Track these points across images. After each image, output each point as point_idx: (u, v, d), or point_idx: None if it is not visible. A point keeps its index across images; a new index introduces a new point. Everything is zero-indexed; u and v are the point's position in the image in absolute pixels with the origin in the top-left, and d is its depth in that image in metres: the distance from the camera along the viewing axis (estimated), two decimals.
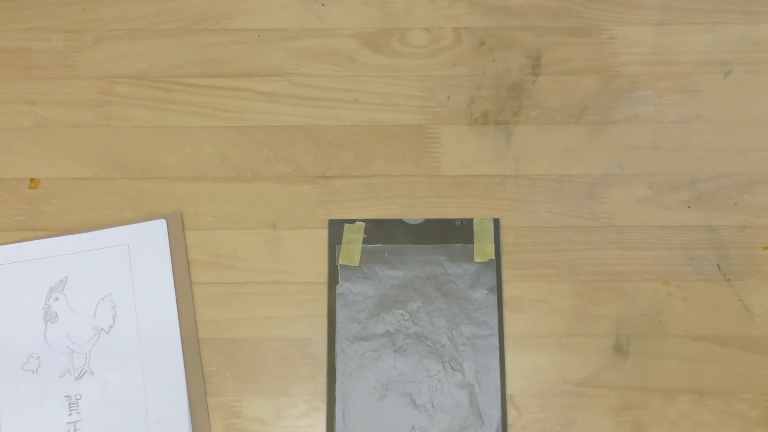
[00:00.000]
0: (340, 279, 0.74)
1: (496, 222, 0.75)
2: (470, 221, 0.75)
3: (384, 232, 0.75)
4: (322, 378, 0.72)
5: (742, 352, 0.72)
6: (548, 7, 0.81)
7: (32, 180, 0.77)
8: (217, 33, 0.81)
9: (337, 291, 0.74)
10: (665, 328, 0.73)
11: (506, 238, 0.75)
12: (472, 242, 0.75)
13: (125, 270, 0.73)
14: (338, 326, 0.73)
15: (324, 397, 0.71)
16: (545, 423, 0.71)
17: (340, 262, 0.74)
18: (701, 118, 0.78)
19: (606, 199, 0.76)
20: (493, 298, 0.73)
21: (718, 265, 0.74)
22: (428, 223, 0.75)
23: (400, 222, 0.76)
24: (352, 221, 0.75)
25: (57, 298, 0.72)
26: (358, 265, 0.74)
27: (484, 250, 0.74)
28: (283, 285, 0.74)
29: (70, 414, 0.70)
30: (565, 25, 0.80)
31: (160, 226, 0.74)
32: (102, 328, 0.72)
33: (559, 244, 0.75)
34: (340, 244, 0.75)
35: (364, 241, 0.75)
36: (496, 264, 0.74)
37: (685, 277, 0.74)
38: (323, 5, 0.82)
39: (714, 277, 0.74)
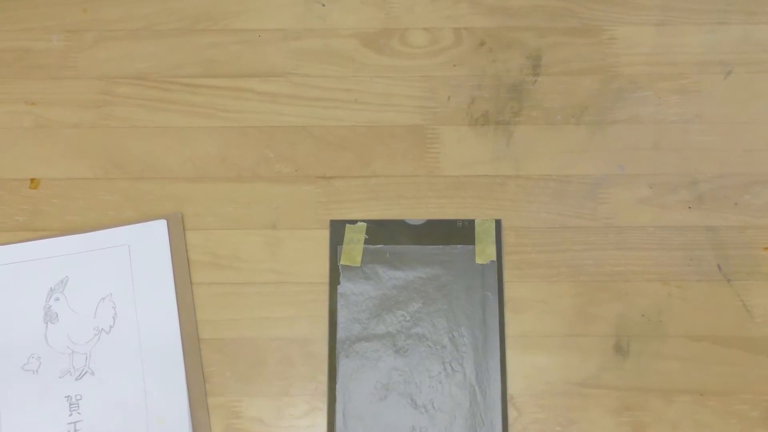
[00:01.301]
0: (341, 279, 0.74)
1: (498, 223, 0.75)
2: (472, 222, 0.75)
3: (386, 233, 0.75)
4: (323, 378, 0.72)
5: (742, 352, 0.72)
6: (548, 8, 0.81)
7: (32, 180, 0.77)
8: (217, 33, 0.81)
9: (339, 291, 0.74)
10: (665, 329, 0.73)
11: (507, 238, 0.75)
12: (473, 243, 0.75)
13: (126, 270, 0.73)
14: (339, 326, 0.73)
15: (324, 398, 0.71)
16: (545, 423, 0.71)
17: (342, 262, 0.74)
18: (701, 119, 0.78)
19: (606, 200, 0.76)
20: (494, 299, 0.73)
21: (718, 265, 0.74)
22: (430, 224, 0.75)
23: (401, 223, 0.76)
24: (353, 222, 0.75)
25: (57, 299, 0.72)
26: (359, 265, 0.74)
27: (485, 251, 0.74)
28: (283, 285, 0.74)
29: (71, 414, 0.70)
30: (565, 25, 0.80)
31: (160, 226, 0.74)
32: (102, 329, 0.72)
33: (560, 244, 0.75)
34: (342, 245, 0.75)
35: (366, 242, 0.75)
36: (497, 265, 0.74)
37: (685, 278, 0.74)
38: (323, 5, 0.82)
39: (714, 277, 0.74)
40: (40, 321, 0.72)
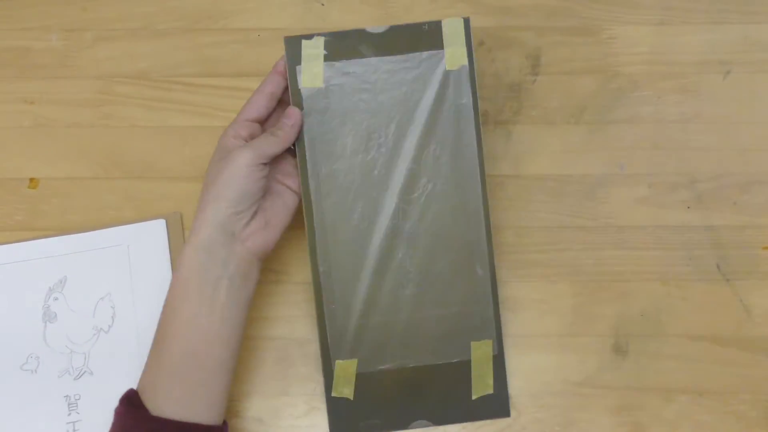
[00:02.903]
0: (305, 105, 0.67)
1: (467, 22, 0.68)
2: (439, 24, 0.68)
3: (346, 46, 0.67)
4: (322, 378, 0.71)
5: (741, 352, 0.72)
6: (548, 7, 0.81)
7: (31, 180, 0.77)
8: (216, 32, 0.81)
9: (304, 118, 0.67)
10: (664, 328, 0.73)
11: (505, 237, 0.75)
12: (442, 47, 0.68)
13: (124, 270, 0.73)
14: (309, 161, 0.67)
15: (323, 398, 0.71)
16: (544, 423, 0.71)
17: (303, 85, 0.67)
18: (701, 118, 0.78)
19: (605, 199, 0.76)
20: (468, 106, 0.68)
21: (717, 265, 0.74)
22: (393, 30, 0.68)
23: (362, 32, 0.68)
24: (309, 36, 0.68)
25: (56, 298, 0.72)
26: (321, 86, 0.67)
27: (455, 54, 0.67)
28: (281, 285, 0.74)
29: (70, 414, 0.70)
30: (564, 24, 0.80)
31: (159, 225, 0.74)
32: (101, 328, 0.72)
33: (559, 244, 0.75)
34: (300, 65, 0.67)
35: (325, 59, 0.67)
36: (470, 69, 0.68)
37: (684, 277, 0.74)
38: (323, 5, 0.82)
39: (713, 277, 0.74)
40: (38, 320, 0.72)
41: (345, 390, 0.68)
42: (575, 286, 0.74)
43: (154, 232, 0.74)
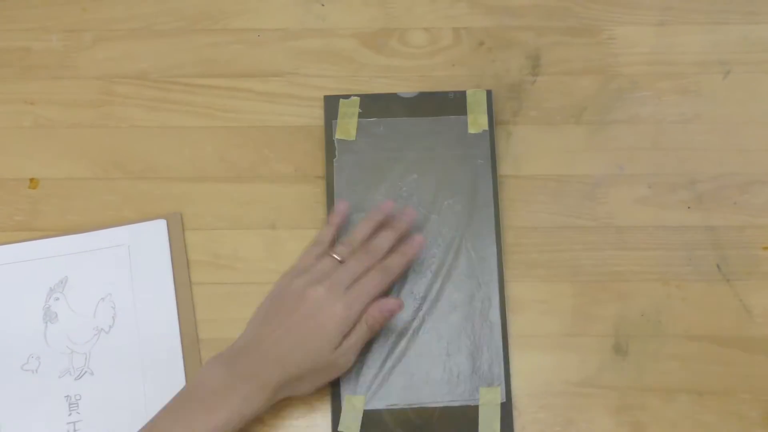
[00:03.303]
0: (337, 153, 0.75)
1: (489, 93, 0.76)
2: (463, 93, 0.76)
3: (379, 107, 0.76)
4: None
5: (741, 352, 0.72)
6: (548, 7, 0.81)
7: (31, 180, 0.77)
8: (216, 33, 0.81)
9: (335, 164, 0.75)
10: (665, 329, 0.72)
11: (506, 238, 0.75)
12: (465, 113, 0.76)
13: (125, 270, 0.73)
14: (336, 198, 0.73)
15: (324, 396, 0.71)
16: (545, 423, 0.71)
17: (337, 136, 0.75)
18: (701, 119, 0.78)
19: (605, 200, 0.76)
20: (487, 166, 0.74)
21: (717, 265, 0.74)
22: (422, 96, 0.76)
23: (394, 96, 0.76)
24: (346, 96, 0.76)
25: (57, 298, 0.72)
26: (354, 139, 0.75)
27: (477, 121, 0.75)
28: None
29: (70, 414, 0.70)
30: (564, 25, 0.80)
31: (159, 226, 0.74)
32: (102, 329, 0.72)
33: (559, 244, 0.75)
34: (336, 119, 0.75)
35: (360, 116, 0.75)
36: (490, 134, 0.75)
37: (684, 278, 0.74)
38: (323, 5, 0.82)
39: (713, 277, 0.74)
40: (39, 321, 0.72)
41: (352, 425, 0.68)
42: (575, 286, 0.74)
43: (155, 233, 0.74)
